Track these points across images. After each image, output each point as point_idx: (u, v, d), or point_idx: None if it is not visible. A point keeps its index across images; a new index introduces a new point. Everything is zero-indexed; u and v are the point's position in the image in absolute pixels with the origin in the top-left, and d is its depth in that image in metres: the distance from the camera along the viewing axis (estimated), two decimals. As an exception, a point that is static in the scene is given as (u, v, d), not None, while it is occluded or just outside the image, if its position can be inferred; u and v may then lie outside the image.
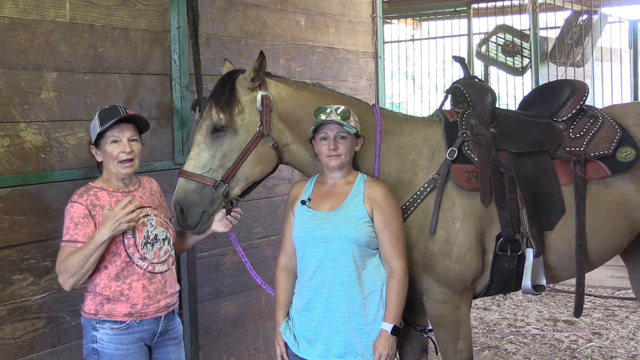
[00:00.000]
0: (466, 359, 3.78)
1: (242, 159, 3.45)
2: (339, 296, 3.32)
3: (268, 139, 3.48)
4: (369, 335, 3.32)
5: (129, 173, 3.41)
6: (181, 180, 3.45)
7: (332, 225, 3.32)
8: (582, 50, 9.45)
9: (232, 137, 3.44)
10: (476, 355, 6.33)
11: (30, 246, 3.52)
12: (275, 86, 3.55)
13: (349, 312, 3.31)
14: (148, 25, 4.09)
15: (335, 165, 3.36)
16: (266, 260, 4.78)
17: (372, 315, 3.33)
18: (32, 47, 3.53)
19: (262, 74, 3.48)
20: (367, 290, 3.33)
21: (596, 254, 3.92)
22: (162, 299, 3.43)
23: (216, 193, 3.44)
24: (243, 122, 3.44)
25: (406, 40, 12.56)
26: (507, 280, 3.77)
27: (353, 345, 3.32)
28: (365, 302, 3.32)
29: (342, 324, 3.32)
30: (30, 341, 3.53)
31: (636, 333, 6.96)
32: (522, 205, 3.70)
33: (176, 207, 3.45)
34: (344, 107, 3.35)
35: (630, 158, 3.90)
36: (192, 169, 3.42)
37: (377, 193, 3.36)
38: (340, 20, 5.50)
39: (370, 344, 3.30)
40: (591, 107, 4.11)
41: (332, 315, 3.33)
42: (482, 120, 3.80)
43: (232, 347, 4.67)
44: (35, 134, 3.54)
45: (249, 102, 3.46)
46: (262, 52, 3.41)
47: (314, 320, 3.37)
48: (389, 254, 3.34)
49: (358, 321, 3.32)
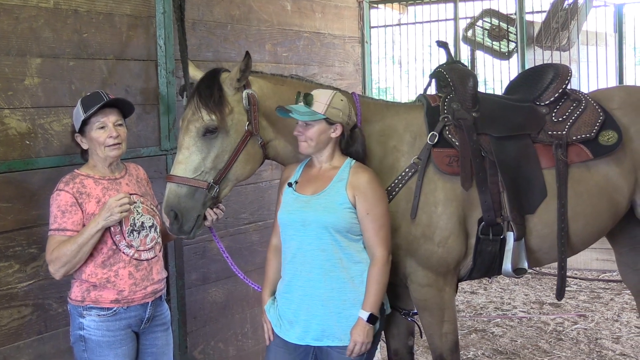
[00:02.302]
0: (451, 342, 3.80)
1: (233, 160, 3.43)
2: (317, 280, 3.33)
3: (256, 137, 3.48)
4: (347, 319, 3.32)
5: (117, 155, 3.40)
6: (172, 186, 3.39)
7: (313, 209, 3.33)
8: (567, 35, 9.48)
9: (224, 138, 3.41)
10: (463, 339, 6.38)
11: (15, 233, 3.50)
12: (257, 83, 3.53)
13: (327, 296, 3.32)
14: (133, 10, 4.07)
15: (302, 149, 3.38)
16: (253, 246, 4.79)
17: (351, 300, 3.32)
18: (16, 32, 3.50)
19: (248, 73, 3.45)
20: (347, 275, 3.33)
21: (579, 238, 3.95)
22: (148, 285, 3.43)
23: (209, 195, 3.42)
24: (233, 122, 3.42)
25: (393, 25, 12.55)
26: (490, 263, 3.80)
27: (331, 328, 3.33)
28: (345, 286, 3.33)
29: (320, 308, 3.33)
30: (16, 328, 3.52)
31: (621, 315, 7.03)
32: (504, 189, 3.72)
33: (170, 214, 3.39)
34: (310, 94, 3.34)
35: (613, 141, 3.92)
36: (183, 173, 3.38)
37: (361, 180, 3.35)
38: (327, 5, 5.48)
39: (348, 329, 3.31)
40: (575, 91, 4.14)
41: (309, 298, 3.34)
42: (464, 105, 3.81)
43: (220, 333, 4.69)
44: (19, 120, 3.51)
45: (237, 101, 3.44)
46: (247, 52, 3.39)
47: (294, 303, 3.39)
48: (371, 241, 3.34)
49: (336, 305, 3.32)
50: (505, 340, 6.42)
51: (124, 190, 3.43)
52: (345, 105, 3.37)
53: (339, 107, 3.34)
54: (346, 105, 3.38)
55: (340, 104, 3.35)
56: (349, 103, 3.41)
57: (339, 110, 3.33)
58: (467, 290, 7.97)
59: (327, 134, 3.35)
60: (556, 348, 6.19)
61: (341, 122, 3.35)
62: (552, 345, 6.25)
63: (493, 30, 10.03)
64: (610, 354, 6.01)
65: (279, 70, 4.73)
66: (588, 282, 8.22)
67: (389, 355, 4.12)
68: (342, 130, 3.37)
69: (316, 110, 3.30)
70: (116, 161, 3.46)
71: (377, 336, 3.45)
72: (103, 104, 3.32)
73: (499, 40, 10.04)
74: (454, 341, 3.82)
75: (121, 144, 3.39)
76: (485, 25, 10.12)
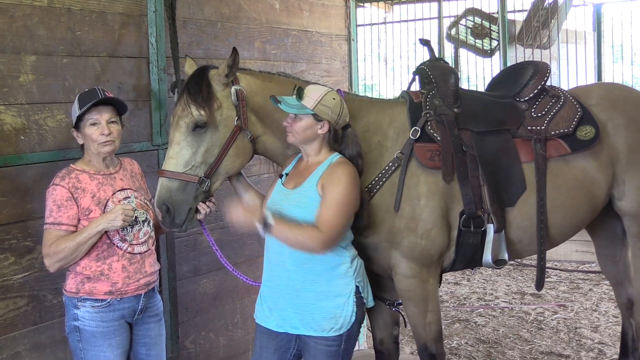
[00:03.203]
0: (435, 331, 3.82)
1: (223, 154, 3.43)
2: (292, 271, 3.34)
3: (245, 132, 3.48)
4: (321, 310, 3.31)
5: (108, 151, 3.40)
6: (163, 180, 3.39)
7: (288, 203, 3.34)
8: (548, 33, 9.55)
9: (213, 133, 3.41)
10: (447, 328, 6.42)
11: (11, 227, 3.51)
12: (245, 79, 3.54)
13: (301, 287, 3.33)
14: (125, 9, 4.07)
15: (288, 139, 3.40)
16: (243, 239, 4.80)
17: (325, 292, 3.31)
18: (10, 30, 3.51)
19: (235, 69, 3.46)
20: (320, 268, 3.32)
21: (558, 230, 3.98)
22: (141, 278, 3.45)
23: (200, 189, 3.42)
24: (222, 118, 3.43)
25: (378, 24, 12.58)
26: (471, 255, 3.82)
27: (306, 318, 3.33)
28: (318, 279, 3.32)
29: (295, 298, 3.34)
30: (12, 319, 3.53)
31: (599, 305, 7.09)
32: (484, 183, 3.75)
33: (162, 207, 3.40)
34: (302, 89, 3.36)
35: (590, 136, 3.96)
36: (174, 168, 3.38)
37: (331, 173, 3.32)
38: (314, 4, 5.49)
39: (322, 320, 3.30)
40: (554, 87, 4.17)
41: (286, 288, 3.36)
42: (446, 101, 3.83)
43: (211, 323, 4.70)
44: (14, 116, 3.52)
45: (225, 97, 3.44)
46: (235, 48, 3.40)
47: (273, 292, 3.41)
48: (316, 220, 3.26)
49: (310, 296, 3.32)
50: (487, 329, 6.47)
51: (118, 185, 3.44)
52: (337, 104, 3.36)
53: (329, 105, 3.33)
54: (338, 105, 3.36)
55: (332, 102, 3.34)
56: (341, 102, 3.39)
57: (328, 108, 3.32)
58: (450, 281, 8.01)
59: (313, 129, 3.34)
60: (537, 337, 6.24)
61: (329, 120, 3.34)
62: (533, 335, 6.30)
63: (476, 29, 10.08)
64: (589, 343, 6.06)
65: (268, 67, 4.74)
66: (568, 273, 8.28)
67: (374, 345, 4.15)
68: (329, 128, 3.36)
69: (305, 105, 3.31)
70: (110, 156, 3.47)
71: (357, 331, 3.43)
72: (96, 102, 3.33)
73: (482, 38, 10.09)
74: (438, 331, 3.84)
75: (114, 141, 3.40)
76: (468, 24, 10.16)
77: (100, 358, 3.37)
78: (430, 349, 3.82)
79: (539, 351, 5.91)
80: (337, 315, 3.32)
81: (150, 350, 3.57)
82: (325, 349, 3.33)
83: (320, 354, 3.34)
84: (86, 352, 3.37)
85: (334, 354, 3.34)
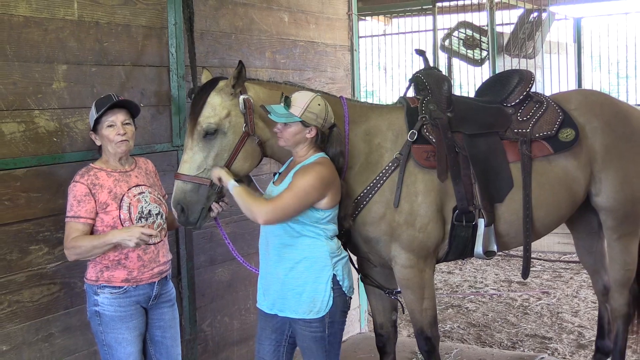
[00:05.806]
0: (430, 316, 3.83)
1: (232, 158, 3.42)
2: (275, 260, 3.36)
3: (253, 137, 3.46)
4: (301, 295, 3.30)
5: (125, 150, 3.42)
6: (178, 183, 3.40)
7: (272, 197, 3.34)
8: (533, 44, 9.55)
9: (222, 139, 3.41)
10: (441, 313, 6.42)
11: (44, 220, 3.53)
12: (253, 89, 3.53)
13: (283, 274, 3.33)
14: (148, 22, 4.08)
15: (280, 143, 3.39)
16: (255, 231, 4.77)
17: (303, 278, 3.31)
18: (45, 42, 3.52)
19: (242, 80, 3.44)
20: (299, 257, 3.31)
21: (541, 224, 3.98)
22: (155, 267, 3.46)
23: (212, 190, 3.43)
24: (230, 125, 3.42)
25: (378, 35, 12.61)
26: (463, 247, 3.83)
27: (289, 302, 3.33)
28: (297, 266, 3.31)
29: (279, 285, 3.35)
30: (46, 304, 3.55)
31: (579, 291, 7.10)
32: (475, 181, 3.75)
33: (177, 207, 3.41)
34: (289, 97, 3.32)
35: (571, 138, 3.97)
36: (188, 171, 3.39)
37: (305, 167, 3.30)
38: (320, 17, 5.50)
39: (305, 305, 3.30)
40: (537, 94, 4.17)
41: (271, 275, 3.38)
42: (440, 106, 3.83)
43: (226, 308, 4.71)
44: (48, 120, 3.54)
45: (234, 105, 3.43)
46: (240, 61, 3.40)
47: (264, 278, 3.45)
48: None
49: (291, 283, 3.32)
50: (478, 314, 6.48)
51: (133, 181, 3.46)
52: (322, 109, 3.32)
53: (315, 112, 3.29)
54: (323, 109, 3.32)
55: (317, 108, 3.30)
56: (326, 107, 3.35)
57: (314, 114, 3.29)
58: (444, 270, 8.01)
59: (302, 134, 3.32)
60: (522, 321, 6.24)
61: (316, 125, 3.31)
62: (519, 319, 6.31)
63: (467, 40, 10.07)
64: (570, 326, 6.07)
65: (278, 75, 4.75)
66: (550, 263, 8.28)
67: (375, 328, 4.16)
68: (316, 132, 3.33)
69: (293, 113, 3.28)
70: (126, 156, 3.48)
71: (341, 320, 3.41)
72: (111, 105, 3.35)
73: (473, 49, 10.08)
74: (433, 316, 3.85)
75: (129, 141, 3.41)
76: (460, 36, 10.15)
77: (119, 340, 3.39)
78: (426, 332, 3.82)
79: (524, 334, 5.92)
80: (315, 299, 3.30)
81: (165, 333, 3.58)
82: (310, 335, 3.33)
83: (307, 339, 3.35)
84: (106, 335, 3.40)
85: (319, 339, 3.33)
